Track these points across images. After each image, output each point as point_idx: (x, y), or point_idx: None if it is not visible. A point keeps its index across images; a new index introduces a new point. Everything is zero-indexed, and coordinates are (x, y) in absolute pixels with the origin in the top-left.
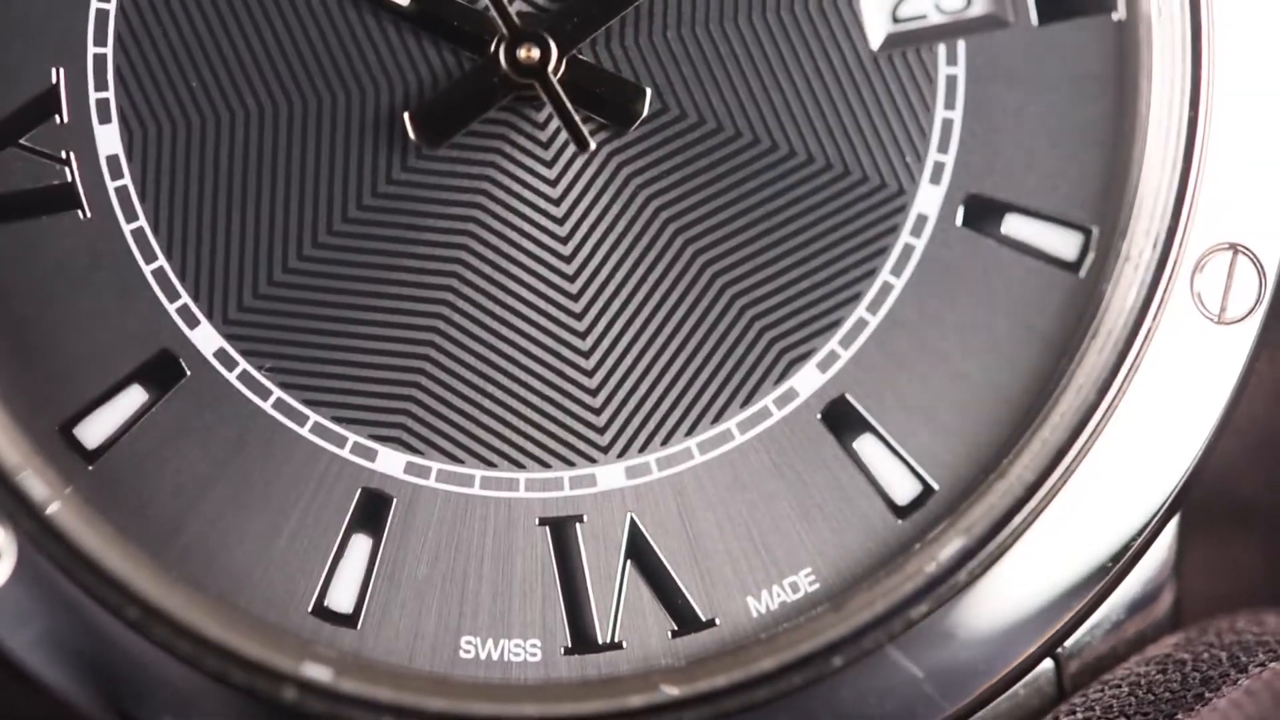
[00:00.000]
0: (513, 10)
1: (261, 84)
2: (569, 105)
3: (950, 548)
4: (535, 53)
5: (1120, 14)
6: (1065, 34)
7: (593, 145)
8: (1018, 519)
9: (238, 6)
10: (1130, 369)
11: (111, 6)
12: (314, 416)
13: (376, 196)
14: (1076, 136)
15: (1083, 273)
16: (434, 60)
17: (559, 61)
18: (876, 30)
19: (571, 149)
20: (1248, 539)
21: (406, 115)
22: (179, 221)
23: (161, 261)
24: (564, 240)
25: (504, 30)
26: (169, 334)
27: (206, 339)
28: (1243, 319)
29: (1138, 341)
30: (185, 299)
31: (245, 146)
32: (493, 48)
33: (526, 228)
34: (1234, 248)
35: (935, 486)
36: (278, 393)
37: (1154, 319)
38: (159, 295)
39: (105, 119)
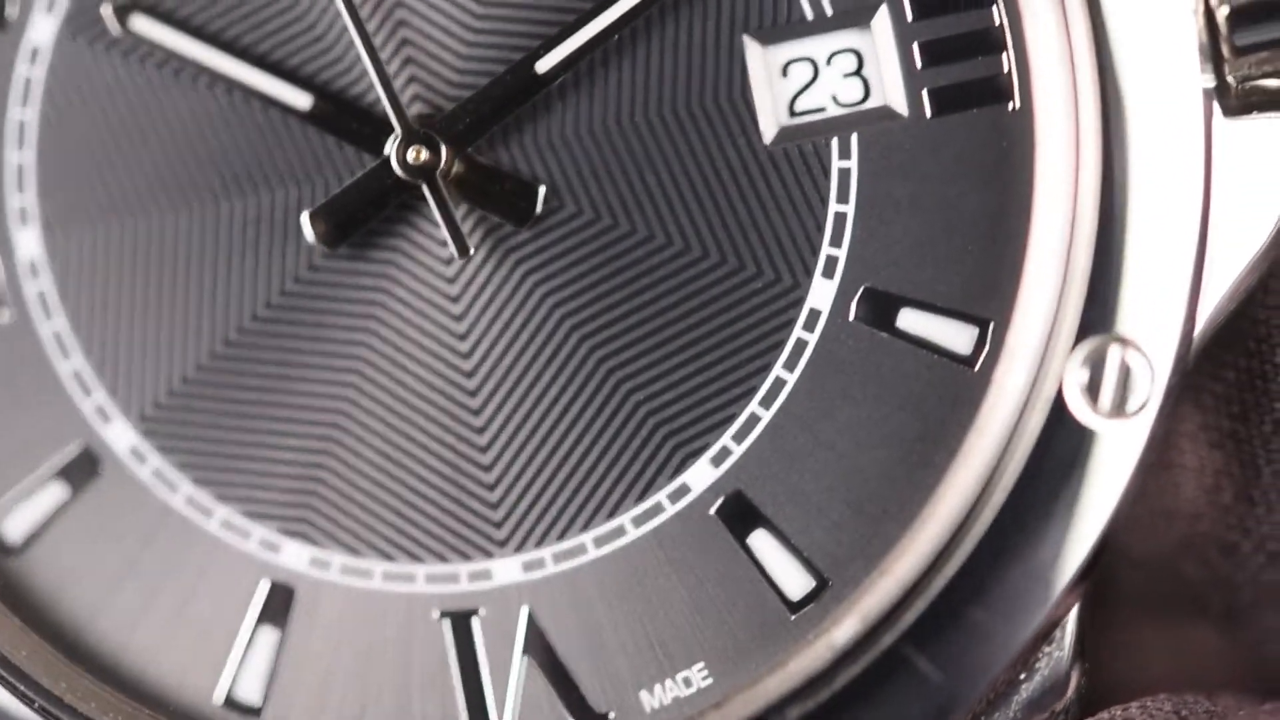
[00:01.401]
0: (411, 110)
1: (174, 187)
2: (450, 209)
3: (841, 641)
4: (425, 154)
5: (1016, 103)
6: (960, 125)
7: (471, 251)
8: (909, 615)
9: (149, 114)
10: (1018, 464)
11: (31, 115)
12: (222, 511)
13: (284, 295)
14: (971, 228)
15: (977, 366)
16: (337, 160)
17: (450, 162)
18: (770, 124)
19: (472, 244)
20: (1158, 627)
21: (304, 217)
22: (96, 322)
23: (79, 361)
24: (462, 337)
25: (398, 130)
26: (85, 431)
27: (121, 436)
28: (1136, 413)
29: (1025, 437)
30: (101, 397)
31: (159, 248)
32: (386, 148)
33: (426, 325)
34: (1124, 342)
35: (829, 580)
36: (188, 489)
37: (1044, 414)
38: (76, 394)
39: (24, 223)
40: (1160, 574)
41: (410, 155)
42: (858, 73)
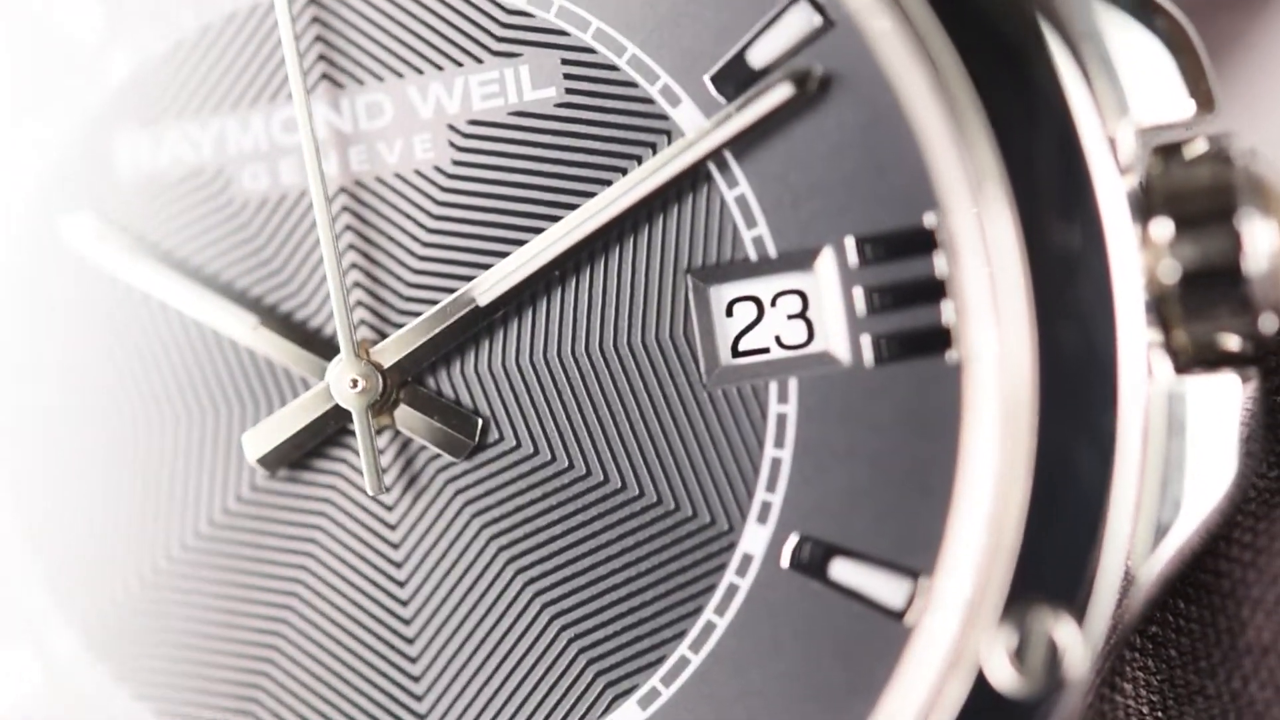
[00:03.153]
0: (355, 336)
1: (123, 399)
2: (372, 442)
3: None
4: (363, 383)
5: (956, 354)
6: (899, 374)
7: (385, 490)
8: None
9: (102, 322)
10: None
11: None
12: None
13: (226, 514)
14: (906, 479)
15: (907, 619)
16: (281, 380)
17: (390, 392)
18: (711, 365)
19: (409, 473)
20: None
21: (244, 439)
22: (45, 529)
23: (28, 570)
24: (399, 565)
25: (343, 357)
26: (32, 640)
27: (63, 644)
28: (1063, 683)
29: (947, 701)
30: (46, 604)
31: (106, 460)
32: (327, 374)
33: (363, 550)
34: (1054, 606)
35: None
36: (125, 702)
37: (968, 677)
38: (22, 597)
39: None
40: None
41: (349, 383)
42: (802, 314)
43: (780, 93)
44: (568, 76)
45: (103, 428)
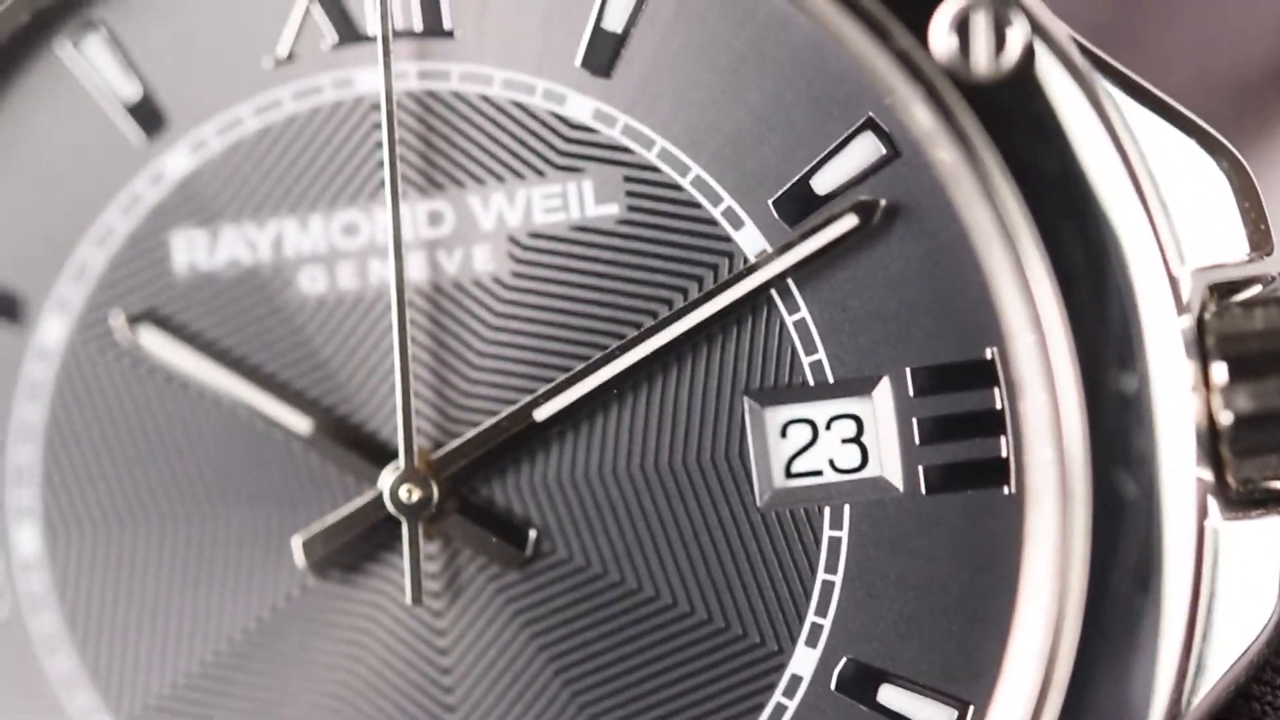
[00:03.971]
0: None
1: (175, 496)
2: (419, 553)
3: None
4: (418, 493)
5: (1010, 488)
6: (953, 505)
7: (423, 602)
8: None
9: (155, 422)
10: None
11: (38, 414)
12: None
13: (273, 612)
14: (957, 609)
15: None
16: (334, 484)
17: (442, 502)
18: (765, 486)
19: (461, 580)
20: None
21: (295, 542)
22: (91, 624)
23: (70, 661)
24: (446, 671)
25: (401, 464)
26: None
27: None
28: None
29: None
30: (90, 699)
31: (157, 555)
32: (381, 482)
33: (410, 656)
34: None
35: None
36: None
37: None
38: (62, 695)
39: (22, 520)
40: None
41: (403, 493)
42: (857, 439)
43: (845, 223)
44: (630, 194)
45: (153, 523)
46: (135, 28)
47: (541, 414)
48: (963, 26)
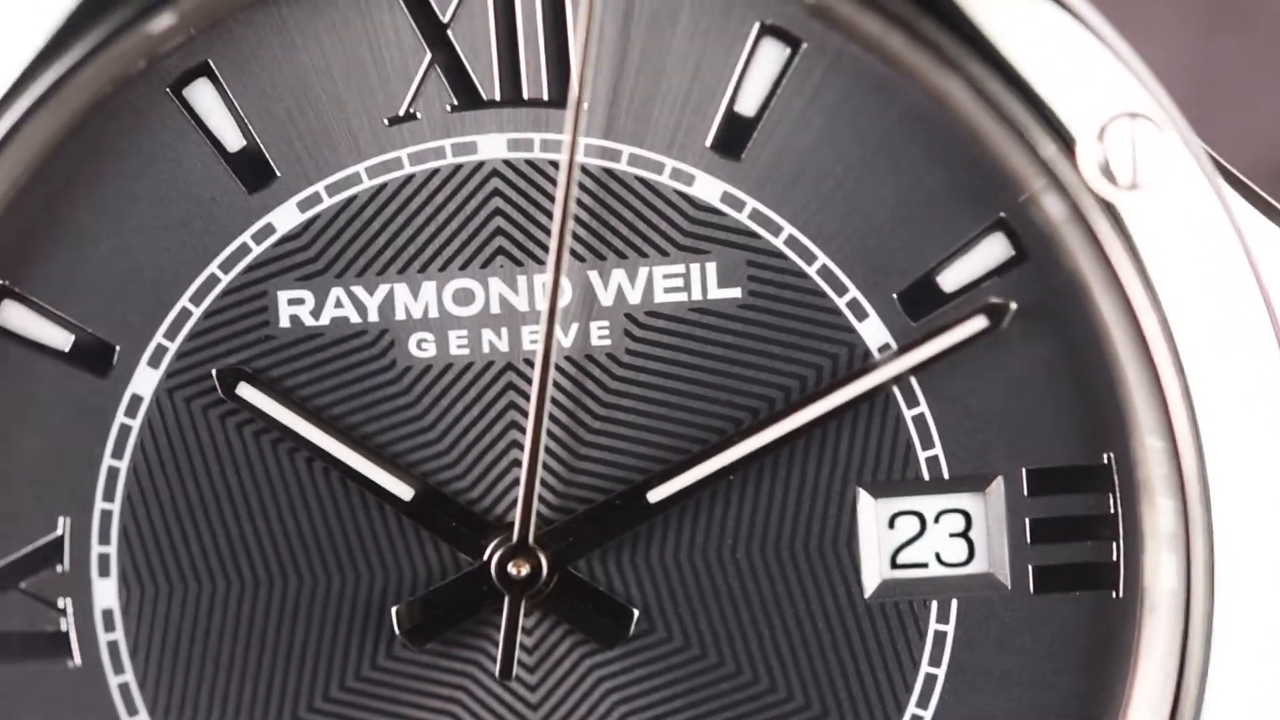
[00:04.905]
0: (509, 517)
1: (260, 558)
2: (516, 630)
3: None
4: (525, 569)
5: (1119, 593)
6: (1062, 605)
7: (512, 677)
8: None
9: (242, 480)
10: None
11: (123, 465)
12: None
13: (359, 680)
14: (1060, 709)
15: None
16: (430, 554)
17: (549, 579)
18: (872, 577)
19: (554, 656)
20: None
21: (394, 611)
22: (165, 681)
23: (144, 718)
24: None
25: (514, 538)
26: None
27: None
28: None
29: None
30: None
31: (236, 617)
32: (486, 554)
33: None
34: None
35: None
36: None
37: None
38: None
39: (105, 573)
40: None
41: (511, 568)
42: (964, 534)
43: (973, 325)
44: (753, 279)
45: (232, 584)
46: (249, 79)
47: (655, 495)
48: (1107, 135)
